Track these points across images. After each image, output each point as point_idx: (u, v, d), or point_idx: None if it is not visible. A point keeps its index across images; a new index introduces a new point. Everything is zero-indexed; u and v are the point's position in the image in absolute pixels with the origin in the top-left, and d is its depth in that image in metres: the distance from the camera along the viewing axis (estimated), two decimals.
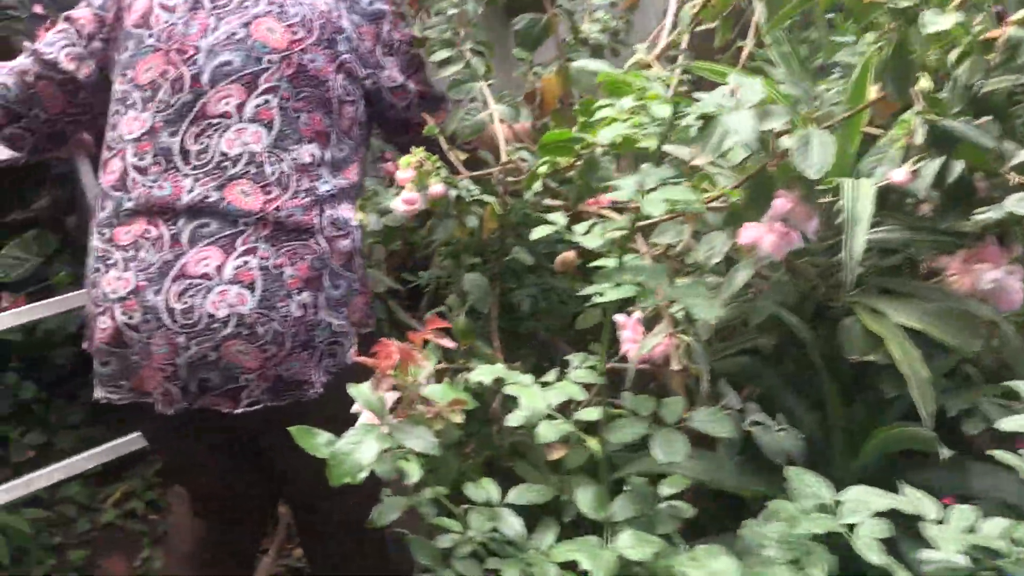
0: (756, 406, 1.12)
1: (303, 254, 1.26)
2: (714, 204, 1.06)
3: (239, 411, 1.25)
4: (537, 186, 1.21)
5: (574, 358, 0.97)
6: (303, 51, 1.30)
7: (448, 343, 0.93)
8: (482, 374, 0.93)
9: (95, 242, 1.30)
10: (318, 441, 0.90)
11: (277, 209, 1.25)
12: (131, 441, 1.88)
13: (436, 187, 1.22)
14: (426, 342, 0.92)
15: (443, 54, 1.36)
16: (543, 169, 1.17)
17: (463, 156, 1.38)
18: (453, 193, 1.25)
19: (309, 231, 1.27)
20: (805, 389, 1.38)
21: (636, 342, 1.38)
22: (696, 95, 0.97)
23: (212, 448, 1.42)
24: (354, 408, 0.99)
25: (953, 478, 1.24)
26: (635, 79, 0.97)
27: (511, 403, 1.37)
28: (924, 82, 0.91)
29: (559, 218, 0.97)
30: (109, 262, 1.26)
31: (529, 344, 1.81)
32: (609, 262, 0.93)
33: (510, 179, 1.30)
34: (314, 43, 1.31)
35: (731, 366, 1.34)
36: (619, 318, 1.39)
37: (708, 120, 0.91)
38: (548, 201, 1.22)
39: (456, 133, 1.32)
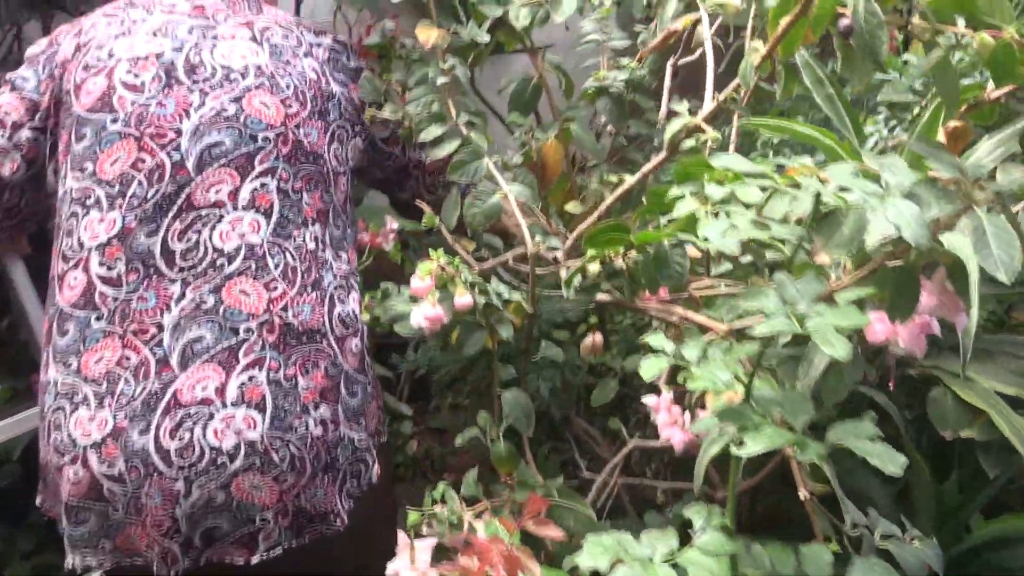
0: (876, 514, 0.91)
1: (316, 360, 1.02)
2: None
3: (256, 559, 1.00)
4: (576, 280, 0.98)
5: (695, 515, 0.73)
6: (298, 126, 1.08)
7: (556, 534, 0.68)
8: (594, 556, 0.67)
9: (54, 375, 1.02)
10: None
11: (284, 309, 1.01)
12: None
13: (463, 298, 0.97)
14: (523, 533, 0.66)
15: (434, 131, 1.10)
16: (594, 268, 0.93)
17: (471, 246, 1.12)
18: (481, 299, 0.99)
19: (320, 332, 1.04)
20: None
21: (675, 425, 1.18)
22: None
23: None
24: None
25: None
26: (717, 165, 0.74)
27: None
28: None
29: (660, 339, 0.72)
30: (76, 399, 0.99)
31: (543, 423, 1.57)
32: (716, 383, 0.69)
33: (538, 270, 1.05)
34: (308, 116, 1.09)
35: None
36: (650, 400, 1.18)
37: (833, 209, 0.68)
38: (601, 296, 0.98)
39: (468, 223, 1.06)
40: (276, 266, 1.03)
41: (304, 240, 1.06)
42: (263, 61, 1.09)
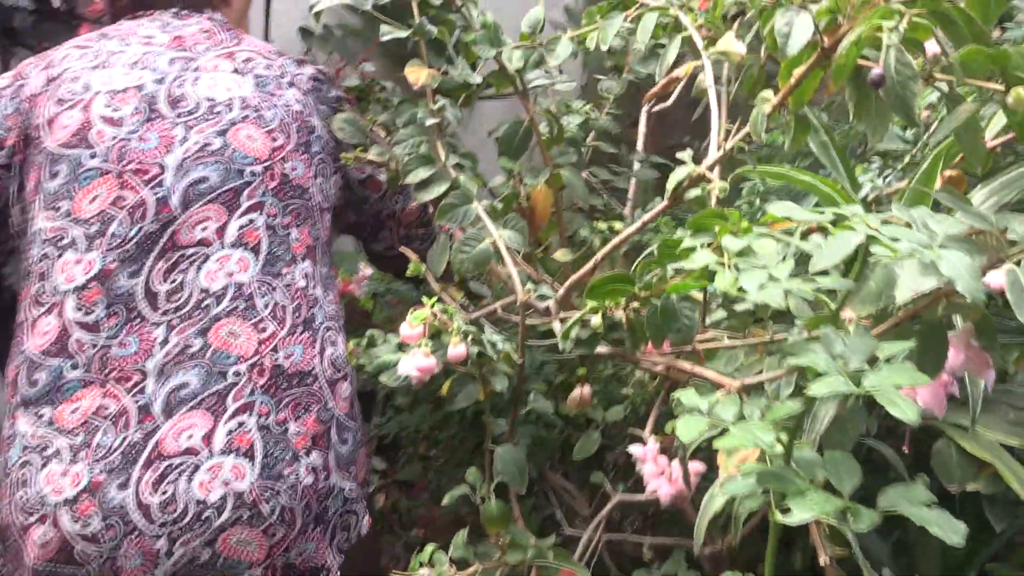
0: (890, 573, 0.87)
1: (308, 404, 0.96)
2: None
3: None
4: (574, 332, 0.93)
5: None
6: (284, 159, 1.02)
7: None
8: None
9: (22, 427, 0.94)
10: None
11: (275, 350, 0.95)
12: None
13: (458, 348, 0.91)
14: None
15: (422, 173, 1.05)
16: (596, 321, 0.88)
17: (459, 295, 1.07)
18: (475, 349, 0.93)
19: (311, 374, 0.98)
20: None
21: (661, 475, 1.13)
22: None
23: None
24: None
25: None
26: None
27: None
28: None
29: (694, 397, 0.67)
30: (47, 452, 0.91)
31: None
32: (759, 444, 0.64)
33: (529, 321, 1.00)
34: (293, 149, 1.03)
35: None
36: (636, 450, 1.13)
37: (858, 262, 0.65)
38: (600, 349, 0.93)
39: (456, 270, 1.00)
40: (265, 305, 0.97)
41: (294, 277, 1.00)
42: (248, 92, 1.03)
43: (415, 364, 0.91)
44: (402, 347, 0.96)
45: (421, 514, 1.70)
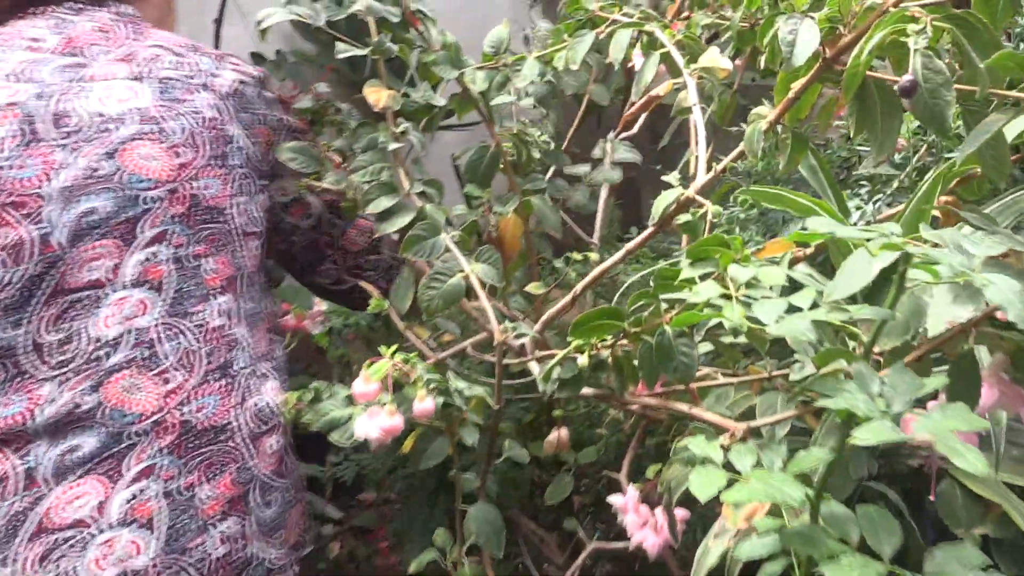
0: None
1: (223, 463, 0.84)
2: None
3: None
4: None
5: None
6: (193, 178, 0.88)
7: None
8: None
9: None
10: None
11: (182, 403, 0.83)
12: None
13: (424, 403, 0.80)
14: None
15: (385, 202, 0.95)
16: (583, 360, 0.79)
17: (425, 333, 0.97)
18: (440, 400, 0.83)
19: (226, 429, 0.85)
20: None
21: (645, 526, 1.05)
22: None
23: None
24: None
25: None
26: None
27: None
28: None
29: (704, 444, 0.58)
30: None
31: None
32: (784, 500, 0.55)
33: (507, 361, 0.90)
34: (205, 164, 0.89)
35: None
36: (616, 500, 1.05)
37: (893, 287, 0.57)
38: (587, 391, 0.84)
39: (423, 307, 0.91)
40: (171, 352, 0.84)
41: (207, 316, 0.87)
42: (147, 102, 0.88)
43: (379, 424, 0.79)
44: (351, 400, 0.84)
45: (378, 562, 1.57)
